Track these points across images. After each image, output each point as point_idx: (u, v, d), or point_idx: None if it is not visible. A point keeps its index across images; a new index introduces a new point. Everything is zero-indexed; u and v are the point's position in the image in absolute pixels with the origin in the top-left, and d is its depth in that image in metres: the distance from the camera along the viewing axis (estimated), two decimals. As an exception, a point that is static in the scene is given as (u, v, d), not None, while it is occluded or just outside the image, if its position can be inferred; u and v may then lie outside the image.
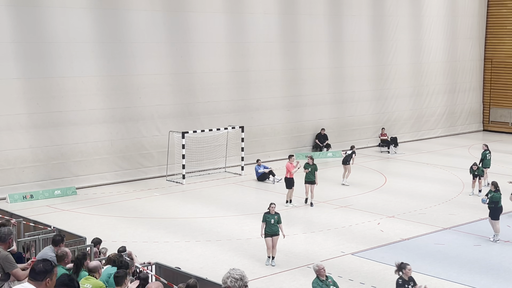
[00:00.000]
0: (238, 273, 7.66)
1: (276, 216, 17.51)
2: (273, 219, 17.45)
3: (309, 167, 23.58)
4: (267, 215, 17.52)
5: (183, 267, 14.93)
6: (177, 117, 29.00)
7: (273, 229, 17.44)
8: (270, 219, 17.44)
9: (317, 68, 34.19)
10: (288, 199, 23.82)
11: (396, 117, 38.49)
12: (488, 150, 27.19)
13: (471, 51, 42.56)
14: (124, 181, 27.24)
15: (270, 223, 17.41)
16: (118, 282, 10.12)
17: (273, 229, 17.44)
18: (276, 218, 17.47)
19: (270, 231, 17.43)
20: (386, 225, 21.26)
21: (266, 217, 17.49)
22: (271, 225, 17.40)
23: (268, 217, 17.48)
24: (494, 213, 19.78)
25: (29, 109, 25.03)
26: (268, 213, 17.55)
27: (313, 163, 23.77)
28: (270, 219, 17.44)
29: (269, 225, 17.41)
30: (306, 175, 23.58)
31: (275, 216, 17.49)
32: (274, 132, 32.70)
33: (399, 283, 12.79)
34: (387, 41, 37.49)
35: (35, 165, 25.23)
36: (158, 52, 28.34)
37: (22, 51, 24.72)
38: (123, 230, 20.57)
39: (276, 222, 17.45)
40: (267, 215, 17.50)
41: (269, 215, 17.50)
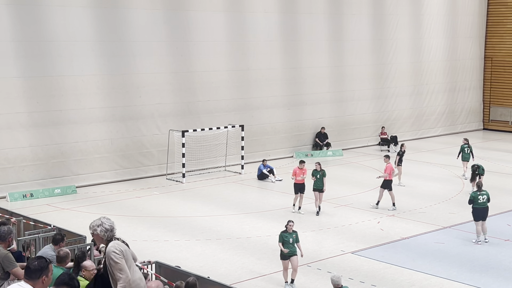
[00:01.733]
0: (109, 223, 7.73)
1: (294, 235, 15.82)
2: (291, 238, 15.72)
3: (317, 174, 22.27)
4: (284, 234, 15.78)
5: (183, 266, 14.94)
6: (177, 116, 28.99)
7: (291, 249, 15.71)
8: (288, 239, 15.69)
9: (317, 67, 34.19)
10: (294, 203, 22.61)
11: (396, 116, 38.49)
12: (467, 144, 28.04)
13: (471, 49, 42.54)
14: (124, 180, 27.24)
15: (288, 243, 15.66)
16: None
17: (291, 249, 15.71)
18: (294, 237, 15.79)
19: (288, 253, 15.70)
20: (386, 224, 21.27)
21: (283, 237, 15.75)
22: (289, 244, 15.65)
23: (285, 236, 15.73)
24: (473, 214, 19.52)
25: (29, 107, 25.02)
26: (286, 231, 15.81)
27: (321, 169, 22.35)
28: (288, 238, 15.69)
29: (286, 245, 15.65)
30: (314, 182, 22.29)
31: (293, 235, 15.79)
32: (274, 131, 32.69)
33: None
34: (387, 39, 37.48)
35: (35, 163, 25.22)
36: (158, 50, 28.33)
37: (22, 50, 24.71)
38: (123, 228, 20.53)
39: (295, 241, 15.78)
40: (285, 234, 15.76)
41: (286, 234, 15.77)
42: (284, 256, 15.67)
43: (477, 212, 19.43)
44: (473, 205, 19.50)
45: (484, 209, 19.46)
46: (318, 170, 22.25)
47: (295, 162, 31.26)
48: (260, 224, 21.17)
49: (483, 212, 19.45)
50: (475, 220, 19.50)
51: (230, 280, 15.32)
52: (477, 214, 19.44)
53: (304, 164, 22.68)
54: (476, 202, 19.40)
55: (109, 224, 7.89)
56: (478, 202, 19.37)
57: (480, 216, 19.41)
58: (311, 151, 33.66)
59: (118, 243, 7.93)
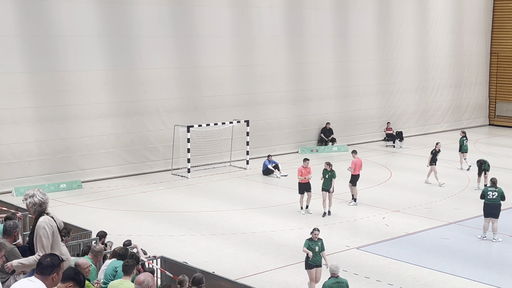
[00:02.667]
0: (40, 197, 7.69)
1: (320, 243, 15.05)
2: (316, 246, 14.94)
3: (326, 174, 21.44)
4: (310, 242, 14.99)
5: (188, 261, 14.98)
6: (182, 111, 29.01)
7: (317, 259, 14.95)
8: (313, 247, 14.90)
9: (322, 62, 34.13)
10: (302, 205, 22.05)
11: (401, 111, 38.42)
12: (465, 137, 28.81)
13: (477, 45, 42.41)
14: (130, 175, 27.29)
15: (314, 252, 14.86)
16: (126, 271, 10.14)
17: (317, 259, 14.95)
18: (320, 246, 15.03)
19: (313, 262, 14.91)
20: (391, 220, 21.26)
21: (309, 244, 14.95)
22: (315, 253, 14.86)
23: (311, 244, 14.95)
24: (483, 209, 19.44)
25: (34, 103, 25.07)
26: (311, 239, 15.01)
27: (331, 170, 21.48)
28: (313, 246, 14.91)
29: (313, 254, 14.86)
30: (323, 182, 21.49)
31: (318, 243, 15.01)
32: (279, 126, 32.67)
33: None
34: (392, 35, 37.39)
35: (40, 158, 25.29)
36: (164, 46, 28.33)
37: (27, 45, 24.74)
38: (129, 223, 20.62)
39: (320, 250, 15.02)
40: (310, 242, 14.96)
41: (312, 242, 14.96)
42: (310, 265, 14.89)
43: (486, 207, 19.25)
44: (484, 201, 19.35)
45: (494, 205, 19.13)
46: (328, 170, 21.48)
47: (300, 158, 31.27)
48: (265, 220, 21.19)
49: (492, 208, 19.14)
50: (485, 216, 19.33)
51: (235, 275, 15.34)
52: (486, 209, 19.26)
53: (308, 162, 22.08)
54: (486, 198, 19.25)
55: (40, 198, 7.83)
56: (488, 198, 19.20)
57: (489, 212, 19.16)
58: (316, 147, 33.65)
59: (50, 220, 7.94)
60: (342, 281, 12.78)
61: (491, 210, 19.15)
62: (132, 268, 10.29)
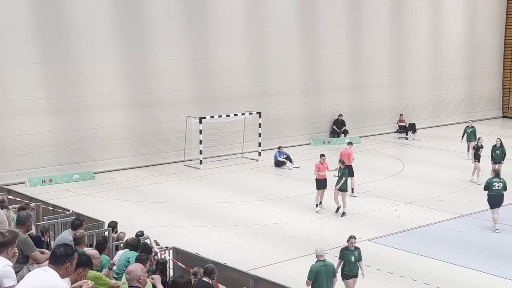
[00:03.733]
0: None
1: (357, 252, 14.11)
2: (353, 256, 14.02)
3: (339, 172, 20.87)
4: (345, 251, 14.13)
5: (200, 252, 15.03)
6: (194, 103, 29.04)
7: (353, 270, 14.06)
8: (349, 256, 14.02)
9: (335, 53, 34.03)
10: (318, 202, 21.43)
11: (414, 103, 38.27)
12: (472, 126, 29.28)
13: (491, 36, 42.11)
14: (142, 166, 27.37)
15: (350, 261, 13.98)
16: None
17: (353, 270, 14.06)
18: (356, 255, 14.09)
19: (350, 272, 14.02)
20: (403, 212, 21.22)
21: (344, 254, 14.10)
22: (351, 263, 13.97)
23: (346, 253, 14.08)
24: (488, 201, 19.46)
25: (48, 93, 25.18)
26: (347, 248, 14.16)
27: (345, 168, 20.94)
28: (349, 256, 14.02)
29: (349, 264, 13.99)
30: (338, 180, 20.79)
31: (355, 253, 14.09)
32: (291, 118, 32.64)
33: None
34: (406, 26, 37.20)
35: (54, 149, 25.41)
36: (176, 37, 28.34)
37: (41, 36, 24.83)
38: (141, 214, 20.70)
39: (357, 259, 14.11)
40: (346, 252, 14.11)
41: (348, 251, 14.09)
42: (347, 276, 14.02)
43: (491, 199, 19.33)
44: (488, 192, 19.39)
45: (499, 196, 19.30)
46: (342, 168, 20.89)
47: (312, 149, 31.28)
48: (277, 211, 21.21)
49: (498, 199, 19.30)
50: (491, 207, 19.37)
51: (247, 267, 15.37)
52: (491, 201, 19.33)
53: (324, 158, 21.56)
54: (491, 189, 19.31)
55: None
56: (493, 189, 19.27)
57: (495, 203, 19.27)
58: (328, 138, 33.60)
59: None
60: (329, 264, 12.94)
61: (498, 200, 19.30)
62: (145, 261, 10.36)
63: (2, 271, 6.82)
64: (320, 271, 12.69)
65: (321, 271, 12.70)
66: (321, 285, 12.69)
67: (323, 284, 12.69)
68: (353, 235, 14.42)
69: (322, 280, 12.69)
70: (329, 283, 12.77)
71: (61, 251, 6.54)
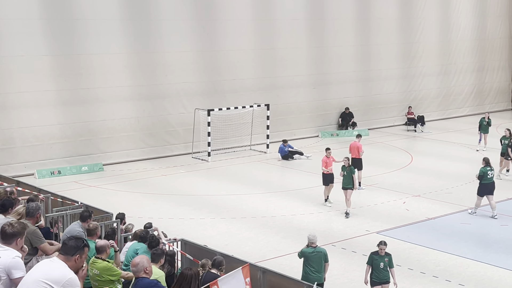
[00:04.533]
0: None
1: (387, 259, 13.38)
2: (382, 262, 13.32)
3: (344, 170, 19.94)
4: (375, 256, 13.40)
5: (208, 244, 15.05)
6: (203, 95, 29.04)
7: (382, 276, 13.34)
8: (378, 262, 13.31)
9: (343, 46, 33.94)
10: (326, 197, 21.16)
11: (423, 95, 38.15)
12: (488, 118, 29.30)
13: (501, 29, 41.90)
14: (150, 158, 27.43)
15: (379, 267, 13.28)
16: (154, 259, 10.24)
17: (382, 276, 13.34)
18: (386, 261, 13.35)
19: (378, 279, 13.35)
20: (411, 204, 21.18)
21: (373, 259, 13.38)
22: (379, 270, 13.27)
23: (376, 259, 13.36)
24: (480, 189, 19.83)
25: (57, 85, 25.24)
26: (376, 253, 13.41)
27: (350, 165, 20.07)
28: (378, 262, 13.31)
29: (377, 270, 13.28)
30: (343, 180, 19.90)
31: (385, 259, 13.37)
32: (299, 110, 32.60)
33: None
34: (415, 18, 37.04)
35: (63, 141, 25.49)
36: (184, 29, 28.33)
37: (50, 28, 24.87)
38: (149, 206, 20.75)
39: (387, 266, 13.37)
40: (375, 257, 13.38)
41: (377, 256, 13.37)
42: (374, 282, 13.41)
43: (485, 187, 19.73)
44: (482, 181, 19.73)
45: (492, 184, 19.78)
46: (346, 166, 20.01)
47: (320, 142, 31.25)
48: (285, 203, 21.21)
49: (492, 186, 19.78)
50: (480, 195, 19.78)
51: (255, 259, 15.39)
52: (484, 189, 19.73)
53: (330, 151, 21.18)
54: (485, 178, 19.70)
55: None
56: (487, 178, 19.71)
57: (488, 190, 19.70)
58: (336, 131, 33.56)
59: None
60: (320, 250, 13.31)
61: (490, 188, 19.70)
62: (160, 256, 10.41)
63: (11, 262, 6.85)
64: (309, 257, 13.20)
65: (311, 257, 13.20)
66: (312, 268, 13.17)
67: (313, 268, 13.16)
68: (383, 240, 13.72)
69: (312, 265, 13.16)
70: (320, 267, 13.25)
71: (72, 242, 6.57)
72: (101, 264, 10.02)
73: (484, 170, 19.80)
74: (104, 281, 9.92)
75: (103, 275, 9.94)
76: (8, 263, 6.83)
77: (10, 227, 7.19)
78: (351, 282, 14.79)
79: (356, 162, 22.65)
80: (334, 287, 13.59)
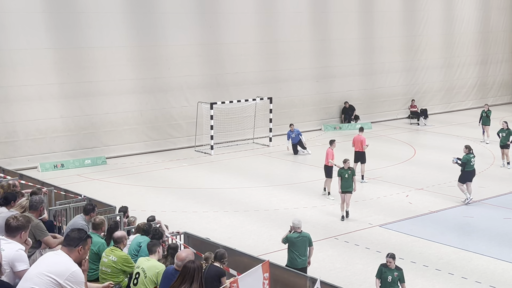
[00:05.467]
0: None
1: (396, 273, 12.53)
2: (391, 275, 12.51)
3: (345, 174, 18.80)
4: (383, 268, 12.66)
5: (211, 237, 15.07)
6: (205, 88, 29.03)
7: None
8: (386, 275, 12.55)
9: (346, 39, 33.87)
10: (325, 186, 21.26)
11: (426, 88, 38.09)
12: (488, 110, 29.63)
13: (504, 21, 41.78)
14: (153, 151, 27.45)
15: (386, 281, 12.55)
16: (151, 250, 10.28)
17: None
18: (395, 276, 12.51)
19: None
20: (414, 197, 21.18)
21: (382, 271, 12.65)
22: (387, 283, 12.56)
23: (384, 271, 12.60)
24: (462, 176, 20.23)
25: (60, 79, 25.25)
26: (385, 265, 12.65)
27: (350, 167, 19.09)
28: (387, 275, 12.55)
29: (384, 283, 12.60)
30: (342, 183, 18.84)
31: (394, 273, 12.52)
32: (302, 104, 32.57)
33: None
34: (418, 11, 36.95)
35: (66, 134, 25.52)
36: (187, 22, 28.30)
37: (52, 21, 24.86)
38: (152, 199, 20.78)
39: (396, 280, 12.53)
40: (384, 269, 12.63)
41: (386, 269, 12.62)
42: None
43: (468, 174, 20.22)
44: (466, 168, 20.14)
45: (474, 171, 20.44)
46: (345, 168, 18.90)
47: (323, 135, 31.25)
48: (288, 197, 21.22)
49: (474, 174, 20.42)
50: (463, 182, 20.21)
51: (257, 252, 15.41)
52: (467, 176, 20.20)
53: (334, 142, 21.46)
54: (468, 165, 20.16)
55: None
56: (470, 165, 20.21)
57: (471, 177, 20.21)
58: (339, 124, 33.53)
59: None
60: (305, 235, 13.68)
61: (472, 175, 20.37)
62: (157, 246, 10.41)
63: (15, 255, 6.87)
64: (294, 242, 13.59)
65: (296, 242, 13.58)
66: (297, 253, 13.58)
67: (299, 252, 13.57)
68: (391, 253, 12.81)
69: (297, 249, 13.56)
70: (305, 251, 13.66)
71: (75, 233, 6.59)
72: (120, 252, 10.36)
73: (467, 157, 20.28)
74: (117, 269, 10.20)
75: (119, 263, 10.22)
76: (12, 256, 6.86)
77: (14, 220, 7.21)
78: (354, 275, 14.81)
79: (360, 155, 22.75)
80: (337, 280, 13.59)
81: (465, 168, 20.17)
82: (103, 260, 10.32)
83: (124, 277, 10.28)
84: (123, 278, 10.26)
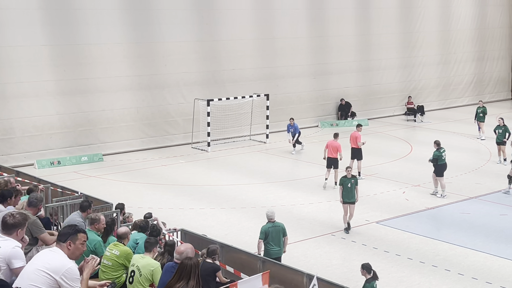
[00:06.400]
0: None
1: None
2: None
3: (348, 183, 17.54)
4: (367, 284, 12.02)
5: (208, 234, 15.06)
6: (202, 85, 29.01)
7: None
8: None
9: (343, 35, 33.86)
10: (326, 177, 21.55)
11: (423, 85, 38.11)
12: (482, 106, 29.91)
13: (501, 18, 41.80)
14: (150, 148, 27.43)
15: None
16: (147, 248, 10.21)
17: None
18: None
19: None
20: (411, 194, 21.20)
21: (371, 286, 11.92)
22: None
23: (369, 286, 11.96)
24: (437, 170, 20.75)
25: (56, 75, 25.21)
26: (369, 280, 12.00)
27: (352, 176, 17.88)
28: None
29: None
30: (344, 193, 17.55)
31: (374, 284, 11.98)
32: (299, 100, 32.57)
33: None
34: (414, 7, 36.96)
35: (62, 131, 25.49)
36: (184, 19, 28.27)
37: (49, 18, 24.81)
38: (149, 196, 20.77)
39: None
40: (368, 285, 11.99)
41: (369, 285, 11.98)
42: None
43: (442, 168, 20.78)
44: (438, 162, 20.69)
45: (446, 165, 20.97)
46: (348, 177, 17.73)
47: (320, 132, 31.27)
48: (285, 193, 21.22)
49: (446, 167, 20.95)
50: (438, 175, 20.75)
51: (254, 248, 15.41)
52: (442, 170, 20.76)
53: (338, 135, 22.28)
54: (440, 159, 20.73)
55: None
56: (442, 159, 20.87)
57: (444, 171, 20.78)
58: (336, 121, 33.54)
59: None
60: (278, 225, 14.13)
61: (445, 169, 20.91)
62: (154, 245, 10.37)
63: (11, 252, 6.87)
64: (270, 232, 13.93)
65: (271, 231, 13.93)
66: (272, 243, 13.93)
67: (274, 242, 13.94)
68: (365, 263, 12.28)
69: (272, 239, 13.92)
70: (279, 241, 13.98)
71: (64, 229, 6.71)
72: (124, 247, 10.49)
73: (438, 153, 20.84)
74: (119, 263, 10.31)
75: (122, 258, 10.31)
76: (8, 253, 6.85)
77: (11, 218, 7.20)
78: (351, 271, 14.82)
79: (355, 152, 22.78)
80: (334, 277, 13.59)
81: (438, 162, 20.77)
82: (105, 253, 10.41)
83: (124, 272, 10.29)
84: (123, 273, 10.27)
